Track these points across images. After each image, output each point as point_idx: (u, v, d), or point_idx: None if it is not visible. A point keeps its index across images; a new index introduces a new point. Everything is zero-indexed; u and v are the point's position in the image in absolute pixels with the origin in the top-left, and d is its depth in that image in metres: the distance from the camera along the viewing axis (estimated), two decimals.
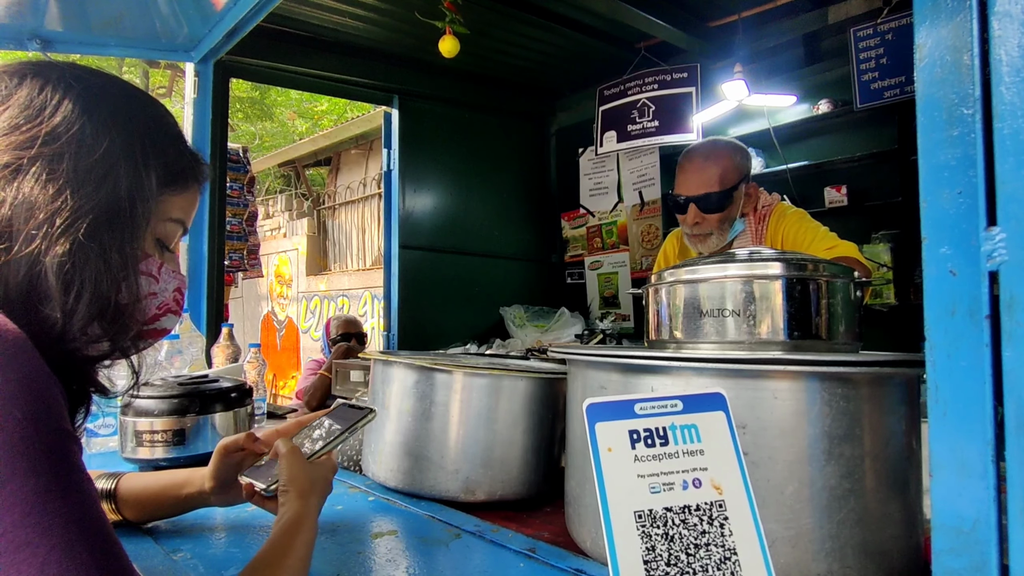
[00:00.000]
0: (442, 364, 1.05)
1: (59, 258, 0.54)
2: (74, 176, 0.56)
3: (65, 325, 0.55)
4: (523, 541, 0.86)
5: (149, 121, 0.64)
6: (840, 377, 0.70)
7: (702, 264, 0.88)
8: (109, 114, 0.60)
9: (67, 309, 0.55)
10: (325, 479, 0.77)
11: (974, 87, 0.56)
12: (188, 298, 2.55)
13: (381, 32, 3.28)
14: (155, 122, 0.65)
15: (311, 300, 8.06)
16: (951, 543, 0.57)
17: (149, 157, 0.62)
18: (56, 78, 0.59)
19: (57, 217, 0.55)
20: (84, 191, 0.56)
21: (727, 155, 1.62)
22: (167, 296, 0.68)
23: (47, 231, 0.54)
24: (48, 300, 0.54)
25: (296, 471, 0.74)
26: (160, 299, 0.67)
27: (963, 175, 0.57)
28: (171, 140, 0.66)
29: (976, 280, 0.55)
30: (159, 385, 1.28)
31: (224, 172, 2.68)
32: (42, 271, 0.54)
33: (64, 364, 0.56)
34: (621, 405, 0.58)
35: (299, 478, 0.73)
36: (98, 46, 2.10)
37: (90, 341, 0.58)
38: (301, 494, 0.72)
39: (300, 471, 0.74)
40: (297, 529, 0.69)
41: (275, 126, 11.81)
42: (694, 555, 0.55)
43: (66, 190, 0.56)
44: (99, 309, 0.57)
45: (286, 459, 0.75)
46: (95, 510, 0.49)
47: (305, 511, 0.71)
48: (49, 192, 0.55)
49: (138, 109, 0.64)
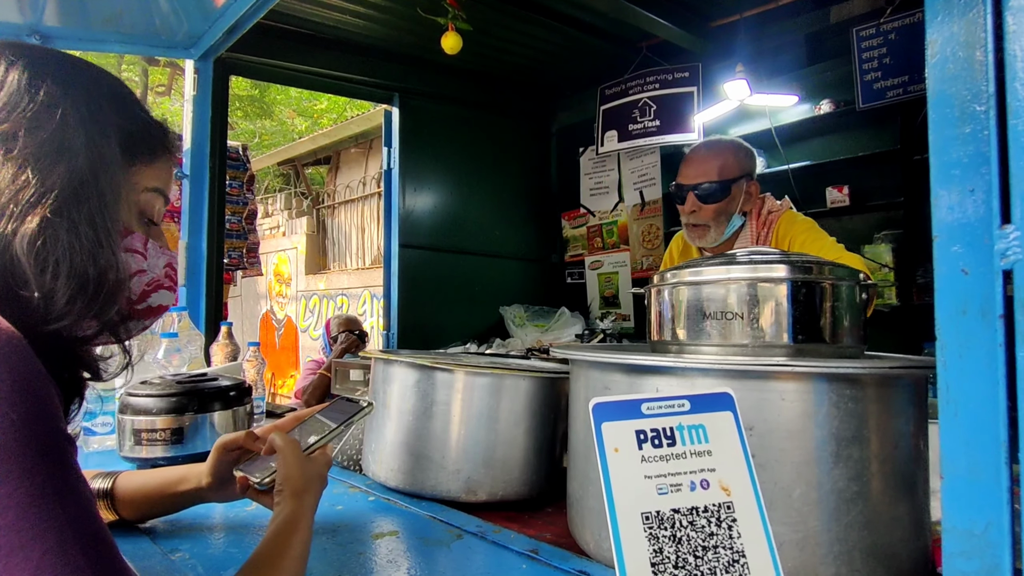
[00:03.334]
0: (444, 363, 1.04)
1: (28, 237, 0.53)
2: (31, 152, 0.55)
3: (47, 306, 0.54)
4: (525, 542, 0.85)
5: (102, 90, 0.62)
6: (848, 378, 0.69)
7: (706, 265, 0.87)
8: (58, 86, 0.58)
9: (45, 289, 0.54)
10: (319, 475, 0.76)
11: (988, 83, 0.55)
12: (187, 296, 2.54)
13: (382, 30, 3.27)
14: (109, 91, 0.63)
15: (310, 299, 8.05)
16: (962, 546, 0.56)
17: (106, 126, 0.60)
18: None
19: (21, 195, 0.54)
20: (43, 166, 0.55)
21: (729, 150, 1.67)
22: (157, 272, 0.67)
23: (13, 211, 0.53)
24: (26, 283, 0.53)
25: (291, 468, 0.72)
26: (150, 275, 0.66)
27: (975, 172, 0.56)
28: (128, 109, 0.64)
29: (989, 279, 0.54)
30: (157, 383, 1.27)
31: (223, 170, 2.67)
32: (14, 254, 0.53)
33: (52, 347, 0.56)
34: (628, 405, 0.57)
35: (294, 476, 0.72)
36: (97, 42, 2.09)
37: (76, 320, 0.56)
38: (296, 492, 0.71)
39: (295, 468, 0.72)
40: (293, 528, 0.68)
41: (275, 125, 11.79)
42: (702, 558, 0.54)
43: (26, 168, 0.54)
44: (78, 285, 0.56)
45: (282, 454, 0.74)
46: (91, 513, 0.48)
47: (301, 509, 0.70)
48: (9, 172, 0.54)
49: (88, 80, 0.62)
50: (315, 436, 0.79)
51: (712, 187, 1.61)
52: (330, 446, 0.80)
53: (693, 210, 1.64)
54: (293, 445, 0.75)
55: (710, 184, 1.62)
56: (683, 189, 1.66)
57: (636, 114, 3.57)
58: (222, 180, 2.65)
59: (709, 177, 1.62)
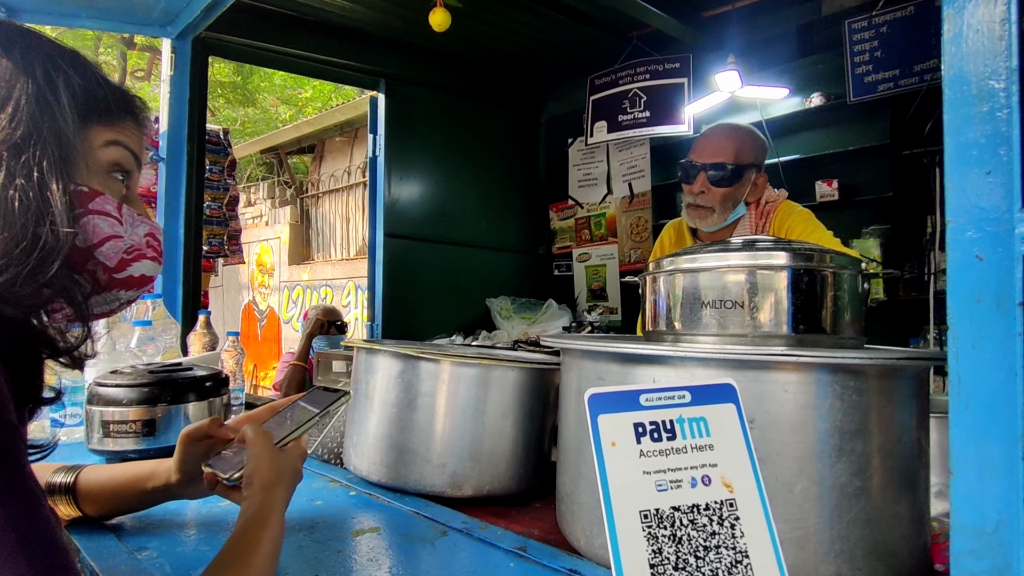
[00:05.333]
0: (429, 353, 1.00)
1: None
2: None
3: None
4: (513, 539, 0.81)
5: (53, 51, 0.59)
6: (852, 369, 0.66)
7: (703, 252, 0.83)
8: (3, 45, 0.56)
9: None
10: (293, 467, 0.72)
11: (1010, 58, 0.52)
12: (163, 284, 2.46)
13: (368, 12, 3.19)
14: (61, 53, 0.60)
15: (293, 290, 7.94)
16: (972, 544, 0.53)
17: (52, 81, 0.57)
18: None
19: None
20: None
21: (748, 136, 1.63)
22: (137, 240, 0.63)
23: None
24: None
25: (261, 461, 0.68)
26: (128, 242, 0.62)
27: (993, 153, 0.53)
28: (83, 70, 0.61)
29: (1008, 265, 0.51)
30: (128, 373, 1.21)
31: (202, 154, 2.58)
32: None
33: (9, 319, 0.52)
34: (626, 396, 0.54)
35: (264, 468, 0.68)
36: (68, 17, 2.00)
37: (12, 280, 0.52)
38: (266, 485, 0.67)
39: (266, 460, 0.69)
40: (262, 524, 0.63)
41: (258, 112, 11.57)
42: (703, 558, 0.50)
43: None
44: (15, 241, 0.52)
45: (252, 446, 0.70)
46: (40, 514, 0.44)
47: (271, 504, 0.66)
48: None
49: (38, 41, 0.59)
50: (289, 427, 0.74)
51: (725, 169, 1.56)
52: (306, 437, 0.76)
53: (702, 190, 1.59)
54: (263, 436, 0.71)
55: (724, 166, 1.56)
56: (695, 167, 1.59)
57: (626, 105, 3.53)
58: (200, 164, 2.56)
59: (725, 158, 1.56)
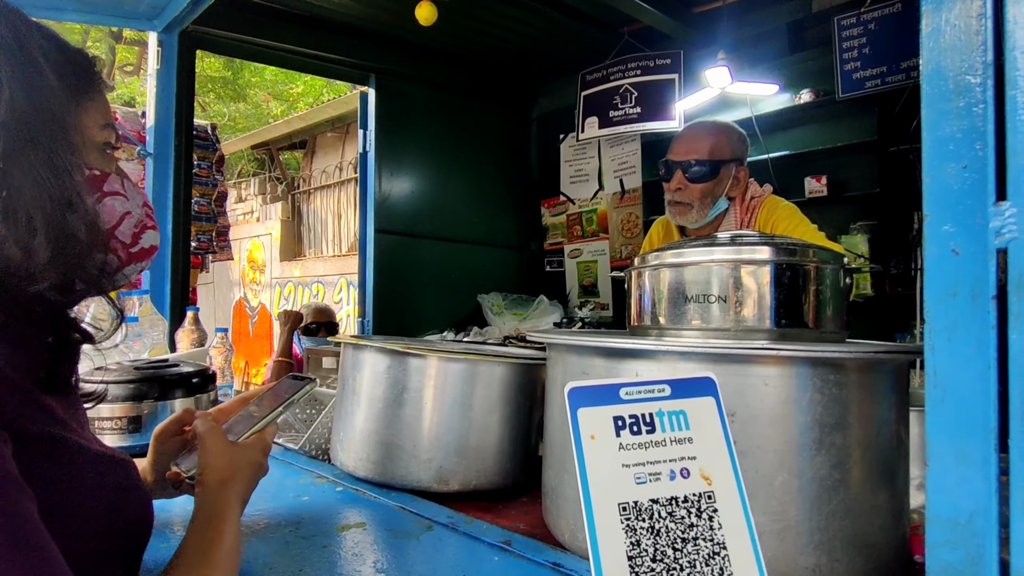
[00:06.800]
0: (416, 348, 1.00)
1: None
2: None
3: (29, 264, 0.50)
4: (498, 533, 0.82)
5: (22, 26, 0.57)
6: (833, 363, 0.67)
7: (688, 247, 0.84)
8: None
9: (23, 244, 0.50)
10: (251, 461, 0.68)
11: (985, 53, 0.52)
12: (150, 280, 2.44)
13: (357, 7, 3.17)
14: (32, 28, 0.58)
15: (285, 286, 7.90)
16: (947, 536, 0.54)
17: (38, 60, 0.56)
18: None
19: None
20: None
21: (723, 132, 1.66)
22: (140, 213, 0.63)
23: None
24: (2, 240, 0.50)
25: (212, 456, 0.65)
26: (136, 216, 0.63)
27: (969, 148, 0.54)
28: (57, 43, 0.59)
29: (982, 259, 0.52)
30: (114, 369, 1.20)
31: (190, 149, 2.56)
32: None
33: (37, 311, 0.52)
34: (605, 390, 0.54)
35: (215, 464, 0.65)
36: (53, 10, 1.98)
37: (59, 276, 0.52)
38: (220, 482, 0.64)
39: (218, 455, 0.65)
40: (217, 520, 0.60)
41: (249, 108, 11.47)
42: (681, 550, 0.51)
43: None
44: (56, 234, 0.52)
45: (202, 442, 0.66)
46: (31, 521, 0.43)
47: (224, 501, 0.62)
48: None
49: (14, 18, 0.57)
50: (253, 419, 0.72)
51: (700, 166, 1.59)
52: (273, 428, 0.73)
53: (679, 187, 1.62)
54: (213, 431, 0.68)
55: (699, 163, 1.59)
56: (671, 165, 1.63)
57: (617, 100, 3.53)
58: (188, 159, 2.54)
59: (699, 156, 1.60)
